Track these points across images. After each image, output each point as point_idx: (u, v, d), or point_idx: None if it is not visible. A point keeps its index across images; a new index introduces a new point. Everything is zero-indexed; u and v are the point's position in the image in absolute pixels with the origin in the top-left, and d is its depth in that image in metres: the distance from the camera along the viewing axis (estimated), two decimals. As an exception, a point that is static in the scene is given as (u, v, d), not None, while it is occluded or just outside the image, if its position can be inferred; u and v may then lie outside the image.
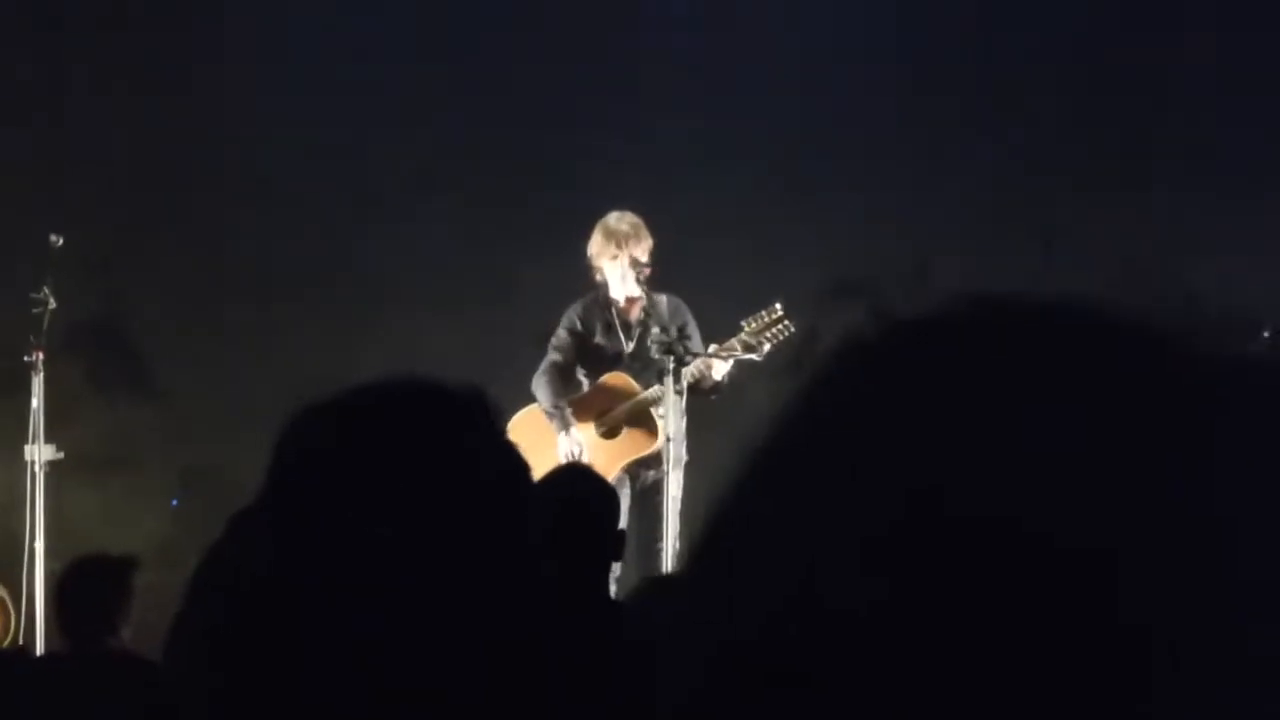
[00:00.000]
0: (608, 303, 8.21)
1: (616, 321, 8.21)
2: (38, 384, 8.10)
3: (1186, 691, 0.73)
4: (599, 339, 8.22)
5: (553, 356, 8.24)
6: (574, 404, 8.16)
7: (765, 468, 0.83)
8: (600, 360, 8.23)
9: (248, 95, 9.69)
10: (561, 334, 8.25)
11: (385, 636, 1.52)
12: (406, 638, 1.52)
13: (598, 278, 8.19)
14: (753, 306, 8.10)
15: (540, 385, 8.16)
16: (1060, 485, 0.75)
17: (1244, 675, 0.74)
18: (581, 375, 8.27)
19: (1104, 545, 0.75)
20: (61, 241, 8.25)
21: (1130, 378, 0.79)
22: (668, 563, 7.50)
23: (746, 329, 8.02)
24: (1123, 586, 0.74)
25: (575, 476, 5.09)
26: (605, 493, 4.91)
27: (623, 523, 5.56)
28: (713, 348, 8.02)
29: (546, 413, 8.07)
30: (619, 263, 8.08)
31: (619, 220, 8.13)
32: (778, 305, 8.06)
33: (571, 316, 8.25)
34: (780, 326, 8.03)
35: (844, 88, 9.76)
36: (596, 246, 8.15)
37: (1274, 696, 0.74)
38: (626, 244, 8.06)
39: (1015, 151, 9.73)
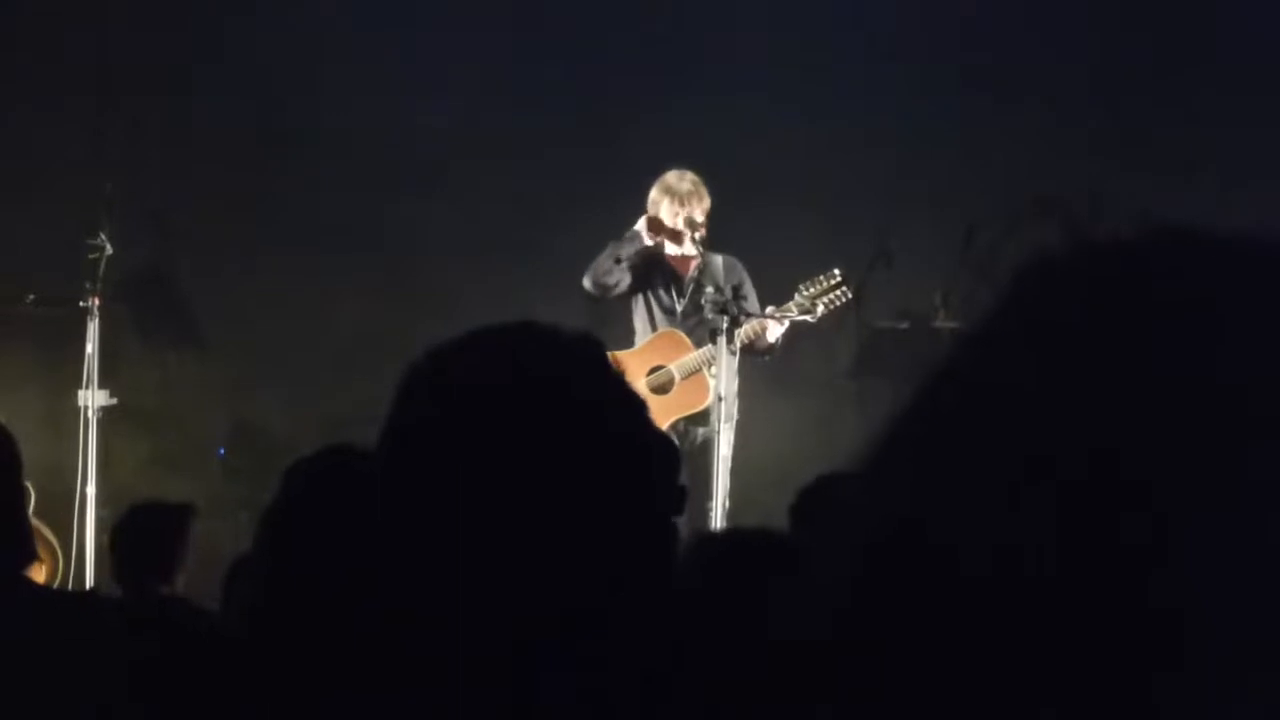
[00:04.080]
0: (661, 258, 8.21)
1: (670, 277, 8.22)
2: (93, 330, 8.12)
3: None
4: (651, 292, 8.23)
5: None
6: (627, 358, 8.15)
7: (943, 387, 0.81)
8: (652, 316, 8.23)
9: (302, 58, 9.68)
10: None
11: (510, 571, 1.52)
12: (532, 572, 1.53)
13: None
14: (812, 269, 8.12)
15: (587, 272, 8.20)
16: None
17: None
18: (635, 329, 8.27)
19: None
20: (111, 187, 8.26)
21: None
22: (717, 521, 7.50)
23: (803, 293, 8.05)
24: None
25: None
26: (666, 446, 4.90)
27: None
28: (770, 309, 8.03)
29: (609, 258, 8.10)
30: (676, 220, 8.11)
31: (679, 179, 8.15)
32: (836, 271, 8.09)
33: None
34: (838, 292, 8.06)
35: (908, 55, 9.69)
36: (654, 203, 8.16)
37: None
38: (685, 203, 8.08)
39: (1067, 116, 9.66)
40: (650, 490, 1.62)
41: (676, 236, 8.16)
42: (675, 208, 8.12)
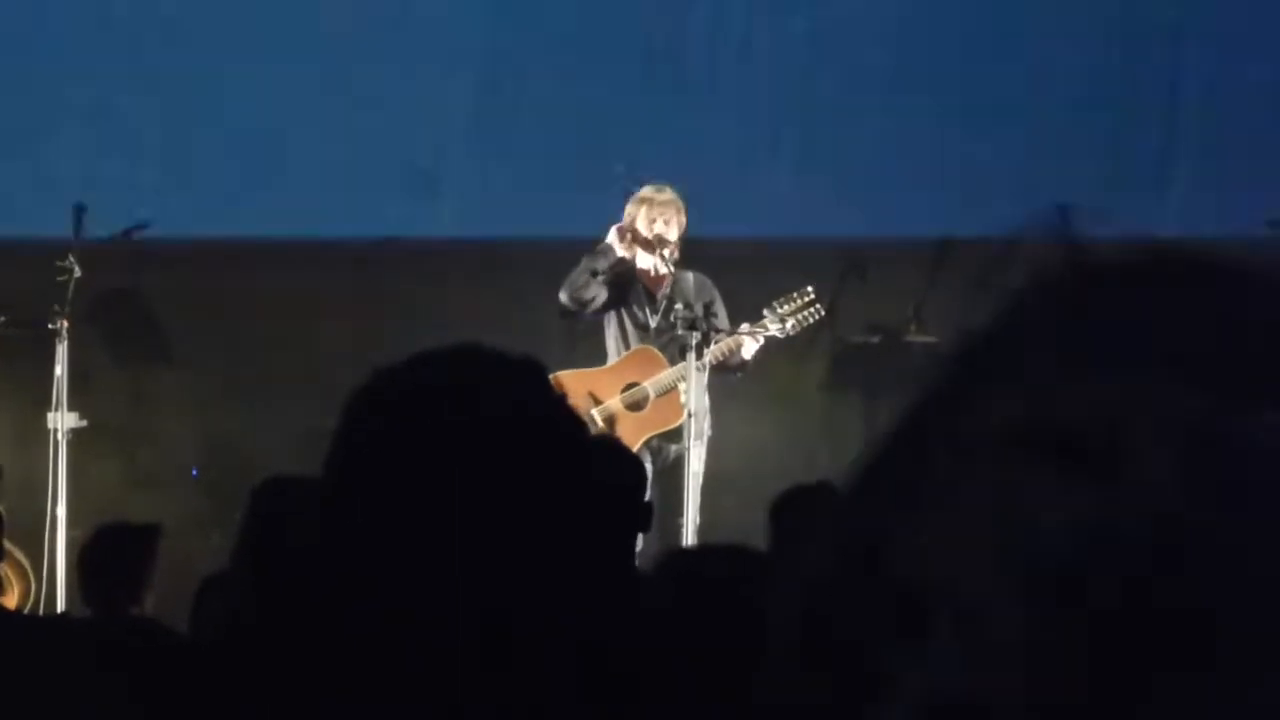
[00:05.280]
0: (634, 274, 8.23)
1: (643, 294, 8.23)
2: (62, 352, 8.13)
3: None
4: (624, 309, 8.25)
5: None
6: (601, 375, 8.17)
7: (934, 403, 0.80)
8: (625, 333, 8.25)
9: (280, 62, 9.65)
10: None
11: (436, 600, 1.53)
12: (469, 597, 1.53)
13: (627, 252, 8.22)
14: (784, 288, 8.16)
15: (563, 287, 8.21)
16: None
17: None
18: (608, 346, 8.28)
19: None
20: (86, 209, 8.26)
21: None
22: (688, 537, 7.52)
23: (776, 310, 8.08)
24: None
25: (603, 447, 5.09)
26: (633, 464, 4.91)
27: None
28: (744, 326, 8.06)
29: (585, 271, 8.10)
30: (651, 228, 8.13)
31: (657, 190, 8.18)
32: (809, 289, 8.13)
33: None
34: (811, 310, 8.10)
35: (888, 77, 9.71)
36: (629, 215, 8.19)
37: None
38: (662, 211, 8.12)
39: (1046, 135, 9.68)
40: (597, 505, 1.63)
41: (649, 246, 8.16)
42: (652, 214, 8.16)
